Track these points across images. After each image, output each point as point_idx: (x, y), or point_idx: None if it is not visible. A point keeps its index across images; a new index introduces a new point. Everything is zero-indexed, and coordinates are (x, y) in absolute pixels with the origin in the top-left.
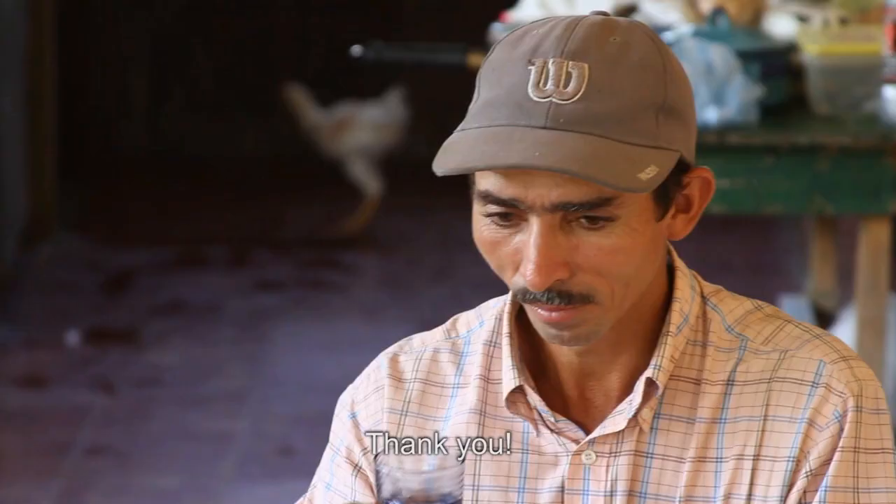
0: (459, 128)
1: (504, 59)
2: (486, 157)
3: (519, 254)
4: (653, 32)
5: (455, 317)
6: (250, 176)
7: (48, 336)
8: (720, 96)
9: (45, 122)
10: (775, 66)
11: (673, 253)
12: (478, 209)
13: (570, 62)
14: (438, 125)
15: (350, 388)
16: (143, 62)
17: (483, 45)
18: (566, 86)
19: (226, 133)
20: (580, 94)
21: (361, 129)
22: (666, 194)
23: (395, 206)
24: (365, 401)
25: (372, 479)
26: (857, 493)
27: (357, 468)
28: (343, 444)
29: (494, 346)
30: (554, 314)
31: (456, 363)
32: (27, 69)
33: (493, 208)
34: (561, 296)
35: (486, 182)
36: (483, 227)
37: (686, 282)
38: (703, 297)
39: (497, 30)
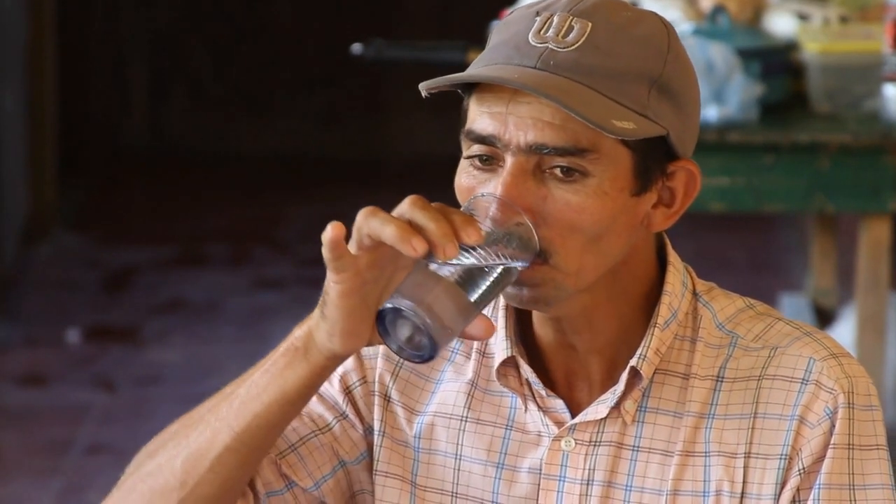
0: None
1: (516, 14)
2: (465, 76)
3: None
4: (669, 23)
5: None
6: (250, 174)
7: (48, 334)
8: (720, 94)
9: (45, 120)
10: (775, 64)
11: (668, 247)
12: (463, 155)
13: (576, 18)
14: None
15: None
16: (143, 60)
17: (483, 43)
18: (565, 36)
19: (226, 131)
20: (577, 45)
21: None
22: (646, 172)
23: (393, 203)
24: None
25: (361, 406)
26: (853, 489)
27: (348, 392)
28: (340, 364)
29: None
30: None
31: None
32: (28, 67)
33: (475, 149)
34: None
35: (471, 122)
36: (463, 173)
37: (677, 277)
38: (694, 293)
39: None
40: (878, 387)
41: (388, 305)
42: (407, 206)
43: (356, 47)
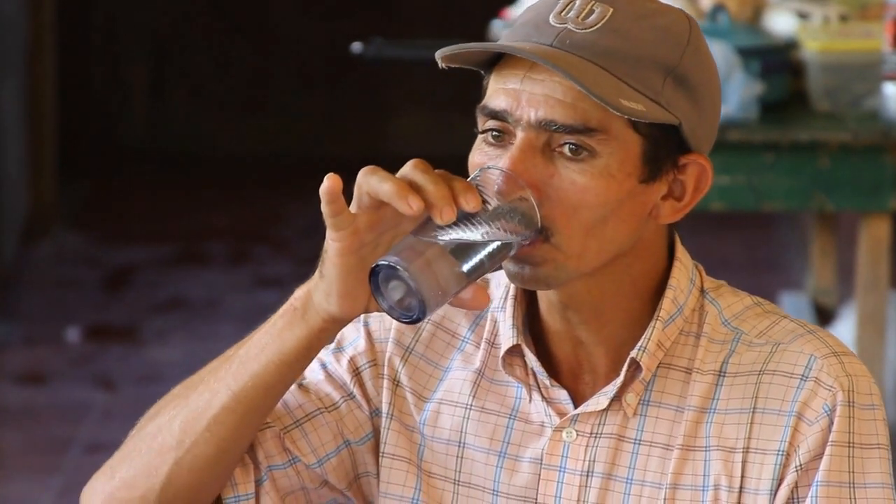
0: None
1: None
2: (479, 46)
3: None
4: (693, 20)
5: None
6: (250, 172)
7: (48, 333)
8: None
9: (45, 118)
10: (775, 62)
11: (677, 243)
12: (478, 130)
13: (598, 2)
14: (438, 124)
15: None
16: (143, 58)
17: (483, 42)
18: (585, 18)
19: (226, 129)
20: (595, 28)
21: None
22: (656, 160)
23: None
24: (380, 315)
25: (369, 388)
26: (853, 487)
27: (357, 373)
28: (351, 346)
29: (500, 311)
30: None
31: (471, 318)
32: (28, 65)
33: (488, 124)
34: None
35: (486, 98)
36: (476, 151)
37: (684, 273)
38: (702, 290)
39: (497, 26)
40: (878, 385)
41: (381, 262)
42: (409, 168)
43: (356, 46)
